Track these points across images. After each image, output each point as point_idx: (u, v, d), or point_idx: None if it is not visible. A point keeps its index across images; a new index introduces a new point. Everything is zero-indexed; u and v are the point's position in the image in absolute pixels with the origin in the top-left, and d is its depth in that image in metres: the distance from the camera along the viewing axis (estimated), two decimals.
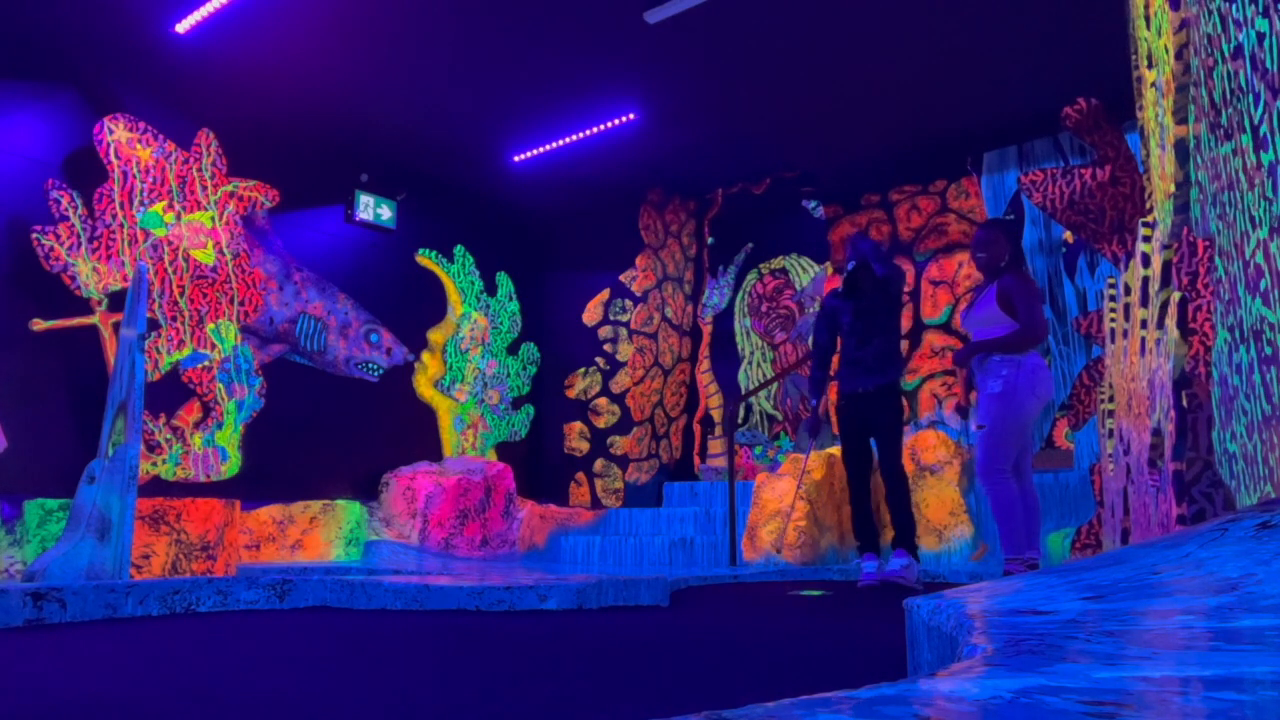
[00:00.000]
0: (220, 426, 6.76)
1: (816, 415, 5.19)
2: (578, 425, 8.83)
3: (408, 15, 5.86)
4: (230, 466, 6.79)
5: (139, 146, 6.46)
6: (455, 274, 8.68)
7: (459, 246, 8.72)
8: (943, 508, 6.54)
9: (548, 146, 7.76)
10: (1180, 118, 2.45)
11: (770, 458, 8.80)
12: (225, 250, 6.89)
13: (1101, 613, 1.06)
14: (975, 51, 6.26)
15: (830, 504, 6.65)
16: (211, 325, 6.77)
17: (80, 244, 6.09)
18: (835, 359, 5.20)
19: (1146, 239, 3.69)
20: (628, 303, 8.93)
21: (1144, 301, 3.66)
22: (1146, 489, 3.38)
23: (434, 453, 8.24)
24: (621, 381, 8.84)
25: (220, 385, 6.78)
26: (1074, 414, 6.00)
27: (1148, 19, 3.16)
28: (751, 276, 9.44)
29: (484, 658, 2.35)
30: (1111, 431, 4.72)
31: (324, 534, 7.12)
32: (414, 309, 8.30)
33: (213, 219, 6.84)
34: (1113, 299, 4.73)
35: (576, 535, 7.72)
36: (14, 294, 5.93)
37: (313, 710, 1.65)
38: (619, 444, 8.79)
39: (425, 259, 8.48)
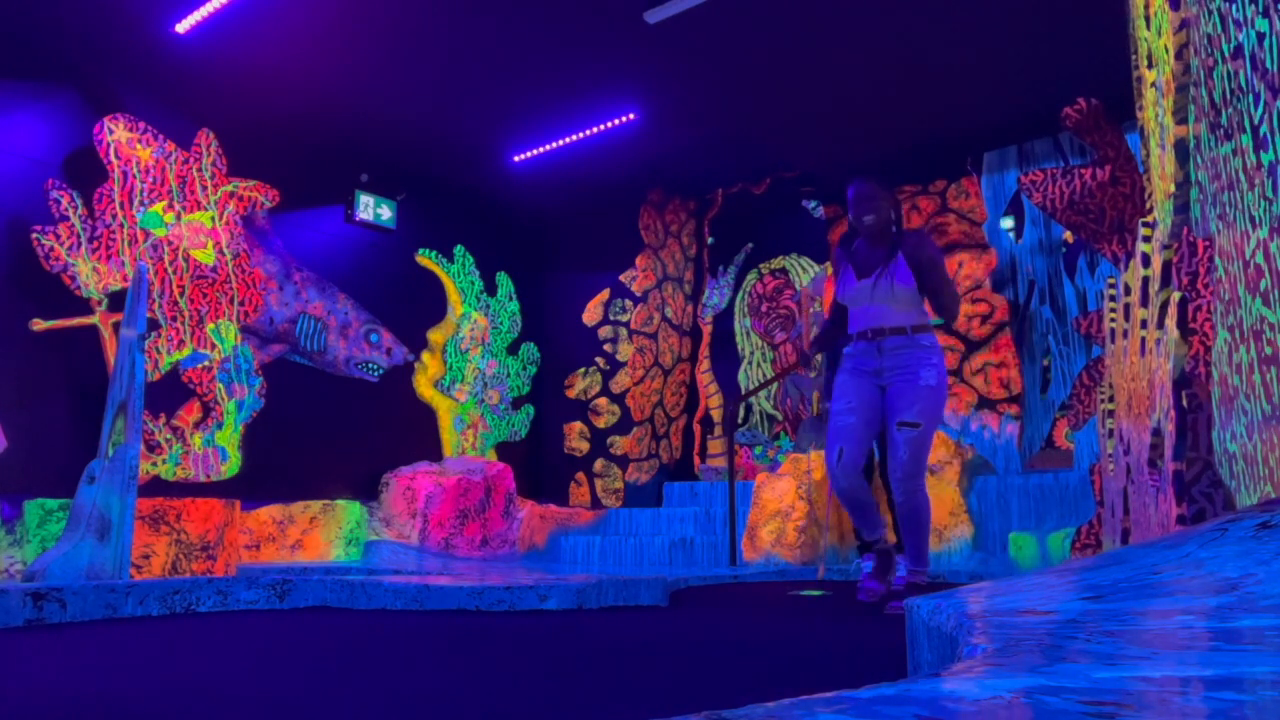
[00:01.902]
0: (220, 426, 6.76)
1: (807, 351, 4.48)
2: (578, 425, 8.83)
3: (408, 15, 5.86)
4: (230, 466, 6.79)
5: (139, 146, 6.46)
6: (455, 274, 8.68)
7: (459, 246, 8.72)
8: (943, 508, 6.54)
9: (548, 146, 7.76)
10: (1180, 118, 2.45)
11: (770, 458, 8.80)
12: (225, 250, 6.89)
13: (1101, 613, 1.06)
14: (975, 51, 6.26)
15: (830, 504, 6.65)
16: (211, 325, 6.77)
17: (80, 244, 6.09)
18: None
19: (1146, 239, 3.69)
20: (628, 303, 8.93)
21: (1144, 301, 3.66)
22: (1146, 489, 3.38)
23: (434, 453, 8.24)
24: (621, 381, 8.84)
25: (220, 385, 6.78)
26: (1074, 414, 5.99)
27: (1148, 19, 3.16)
28: (751, 276, 9.44)
29: (484, 658, 2.35)
30: (1111, 431, 4.72)
31: (324, 534, 7.12)
32: (414, 309, 8.30)
33: (213, 219, 6.84)
34: (1113, 299, 4.73)
35: (576, 535, 7.72)
36: (14, 294, 5.93)
37: (313, 710, 1.64)
38: (619, 444, 8.79)
39: (425, 259, 8.48)
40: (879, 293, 3.71)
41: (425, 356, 8.32)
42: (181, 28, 5.96)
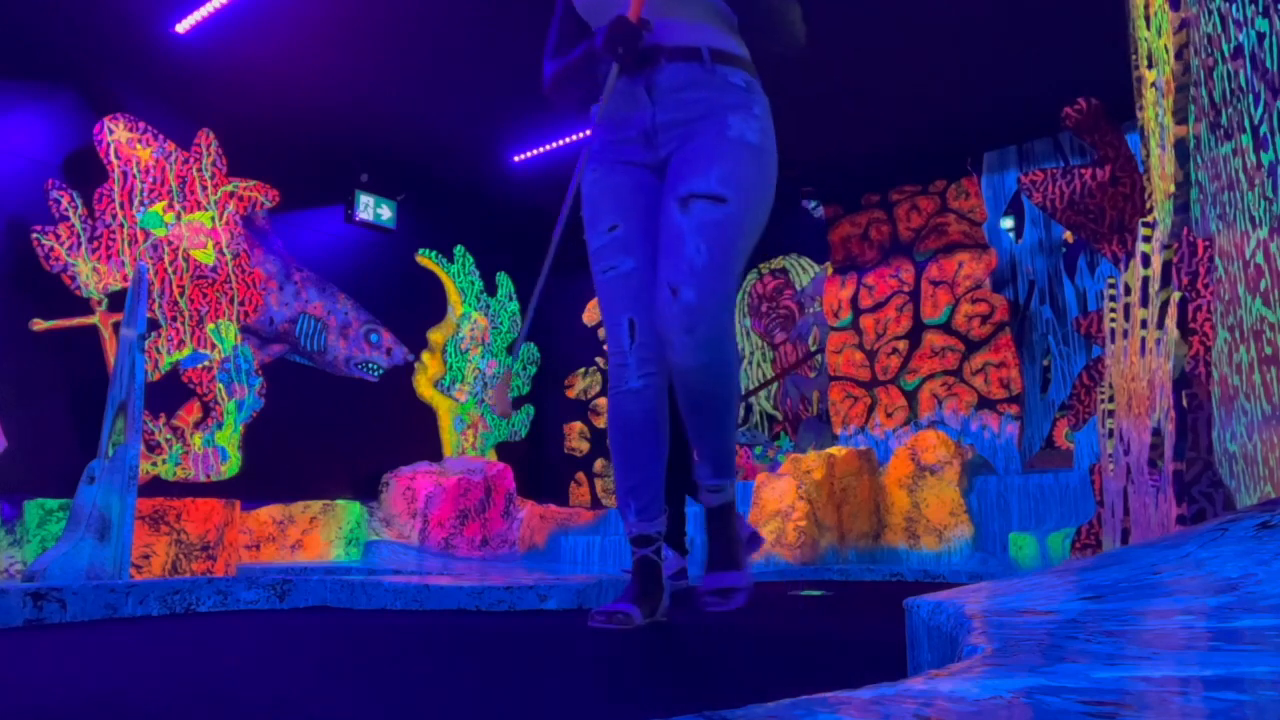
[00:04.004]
0: (220, 426, 6.76)
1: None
2: (578, 425, 8.83)
3: (408, 15, 5.86)
4: (230, 466, 6.79)
5: (139, 146, 6.46)
6: (455, 274, 8.68)
7: (459, 246, 8.72)
8: (943, 508, 6.54)
9: (548, 146, 7.76)
10: (1180, 118, 2.45)
11: (770, 458, 8.80)
12: (225, 250, 6.89)
13: (1101, 613, 1.06)
14: (975, 51, 6.26)
15: (830, 504, 6.65)
16: (211, 325, 6.77)
17: (80, 244, 6.09)
18: None
19: (1146, 239, 3.69)
20: None
21: (1144, 301, 3.66)
22: (1146, 489, 3.38)
23: (434, 453, 8.24)
24: None
25: (220, 385, 6.78)
26: (1074, 414, 6.00)
27: (1148, 19, 3.16)
28: (751, 276, 9.43)
29: (484, 658, 2.35)
30: (1111, 431, 4.72)
31: (324, 534, 7.12)
32: (414, 309, 8.31)
33: (213, 219, 6.84)
34: (1113, 299, 4.73)
35: (576, 535, 7.72)
36: (14, 294, 5.93)
37: (313, 710, 1.64)
38: None
39: (425, 259, 8.48)
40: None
41: (425, 356, 8.32)
42: (181, 28, 5.96)
